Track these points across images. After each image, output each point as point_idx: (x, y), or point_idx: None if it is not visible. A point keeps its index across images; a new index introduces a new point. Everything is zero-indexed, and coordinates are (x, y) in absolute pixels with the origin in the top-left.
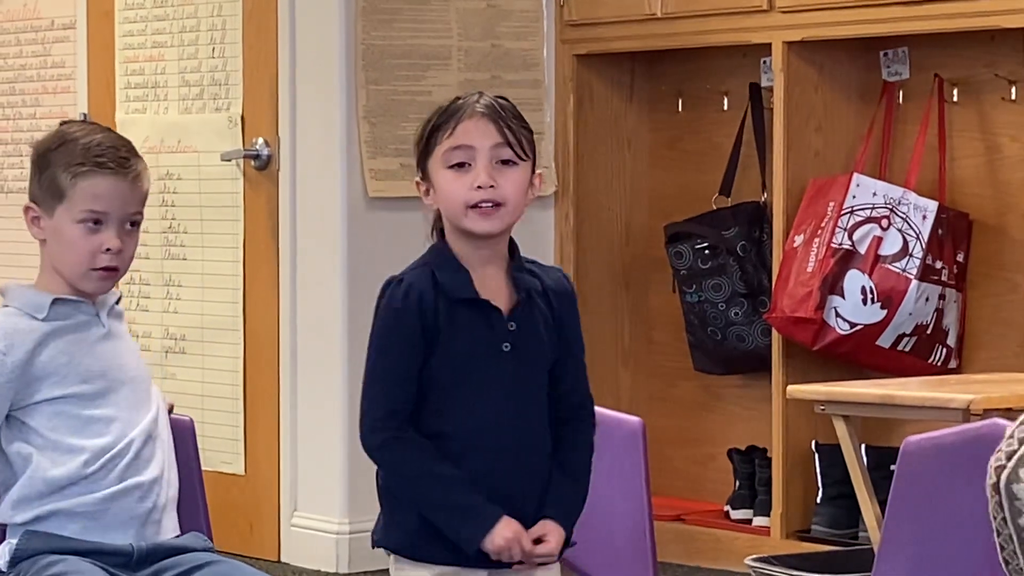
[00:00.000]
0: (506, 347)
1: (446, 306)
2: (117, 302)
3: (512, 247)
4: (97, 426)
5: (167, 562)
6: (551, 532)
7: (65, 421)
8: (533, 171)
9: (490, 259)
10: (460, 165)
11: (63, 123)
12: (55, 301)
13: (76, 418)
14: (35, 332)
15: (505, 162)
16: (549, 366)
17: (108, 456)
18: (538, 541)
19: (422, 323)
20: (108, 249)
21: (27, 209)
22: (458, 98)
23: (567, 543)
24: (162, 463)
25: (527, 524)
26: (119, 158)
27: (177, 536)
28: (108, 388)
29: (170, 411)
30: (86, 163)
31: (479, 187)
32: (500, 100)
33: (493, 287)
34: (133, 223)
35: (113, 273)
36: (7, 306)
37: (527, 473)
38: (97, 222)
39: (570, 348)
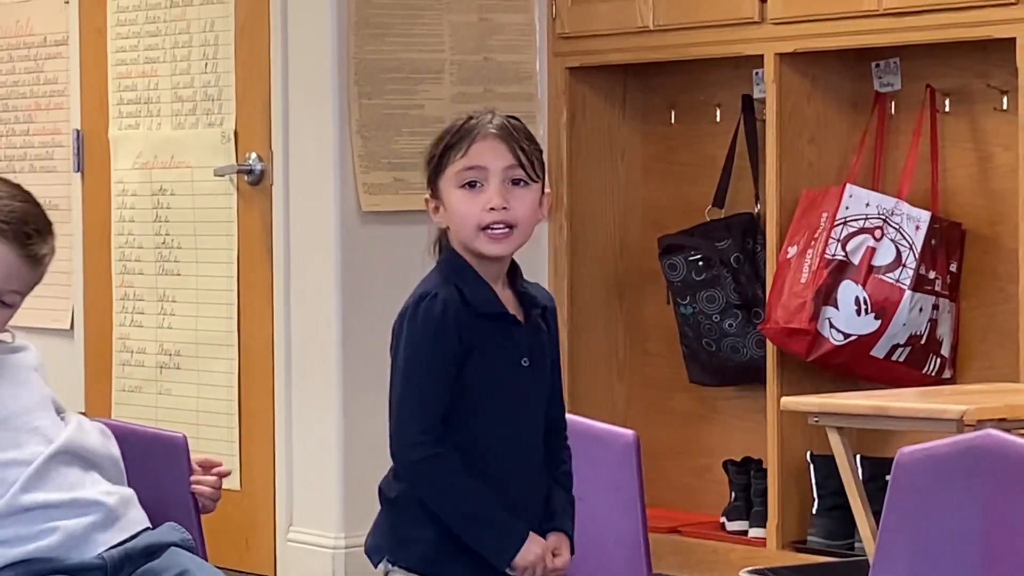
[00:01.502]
0: (525, 361)
1: (474, 320)
2: (15, 341)
3: (512, 263)
4: None
5: (142, 570)
6: (563, 545)
7: None
8: (543, 191)
9: (498, 275)
10: (472, 185)
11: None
12: None
13: None
14: None
15: (516, 182)
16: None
17: None
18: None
19: (460, 338)
20: None
21: None
22: (471, 117)
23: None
24: (79, 474)
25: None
26: (22, 232)
27: (149, 529)
28: None
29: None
30: None
31: (492, 208)
32: (512, 120)
33: (506, 302)
34: (9, 298)
35: None
36: None
37: (532, 484)
38: None
39: (556, 362)
